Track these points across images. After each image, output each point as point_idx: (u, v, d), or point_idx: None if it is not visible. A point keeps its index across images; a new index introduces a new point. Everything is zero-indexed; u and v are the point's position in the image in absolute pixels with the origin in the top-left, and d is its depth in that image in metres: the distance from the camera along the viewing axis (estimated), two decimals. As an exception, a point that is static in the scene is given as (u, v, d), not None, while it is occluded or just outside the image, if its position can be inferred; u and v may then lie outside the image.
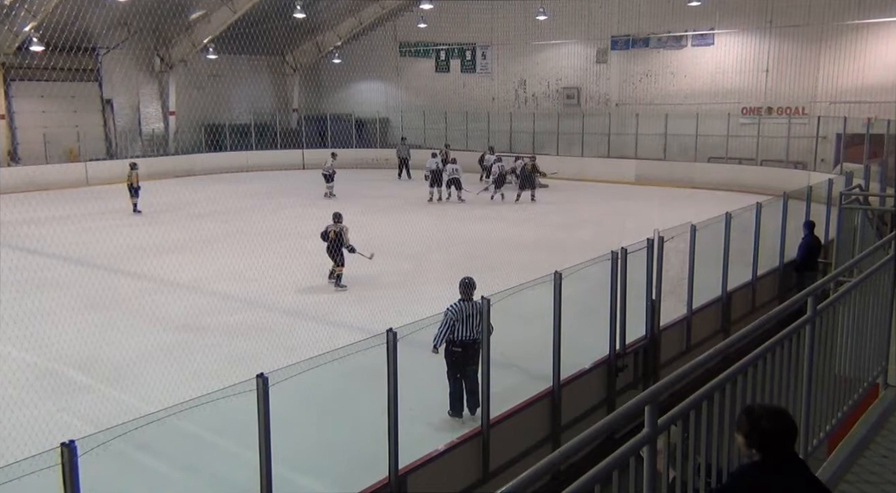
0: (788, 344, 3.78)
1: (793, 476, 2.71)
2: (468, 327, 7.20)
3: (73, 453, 4.03)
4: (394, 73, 32.67)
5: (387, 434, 5.81)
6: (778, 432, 2.74)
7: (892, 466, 3.94)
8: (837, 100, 22.16)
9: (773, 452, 2.72)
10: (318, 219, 18.29)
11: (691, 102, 24.75)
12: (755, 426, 2.75)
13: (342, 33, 31.57)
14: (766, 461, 2.72)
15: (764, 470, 2.71)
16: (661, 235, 8.99)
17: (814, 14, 22.45)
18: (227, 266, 12.94)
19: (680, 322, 9.78)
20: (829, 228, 12.32)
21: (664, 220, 16.14)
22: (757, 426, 2.75)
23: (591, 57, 27.48)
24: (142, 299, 11.35)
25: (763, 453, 2.73)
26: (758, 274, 11.59)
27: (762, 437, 2.73)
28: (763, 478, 2.70)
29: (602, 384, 8.39)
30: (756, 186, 19.44)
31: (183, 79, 29.24)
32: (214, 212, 18.90)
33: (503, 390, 7.18)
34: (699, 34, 24.80)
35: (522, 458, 6.96)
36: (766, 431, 2.73)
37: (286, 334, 9.40)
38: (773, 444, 2.73)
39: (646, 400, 2.84)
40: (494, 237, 15.75)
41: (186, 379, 7.75)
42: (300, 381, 5.11)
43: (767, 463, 2.72)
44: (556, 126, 26.64)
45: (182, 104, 29.31)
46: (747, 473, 2.77)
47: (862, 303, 4.61)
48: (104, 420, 6.26)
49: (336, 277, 12.06)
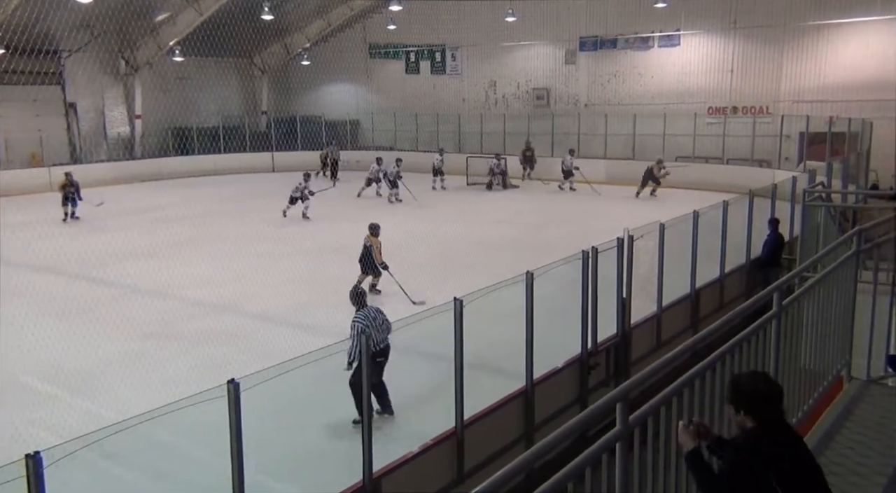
0: (755, 339, 3.85)
1: (789, 441, 2.83)
2: (381, 334, 7.17)
3: (38, 464, 3.94)
4: (364, 74, 32.58)
5: (361, 437, 5.79)
6: (760, 390, 2.88)
7: (856, 457, 4.03)
8: (800, 99, 22.64)
9: (763, 413, 2.83)
10: (289, 223, 18.18)
11: (658, 103, 25.08)
12: (739, 388, 2.91)
13: (311, 35, 31.39)
14: (759, 425, 2.83)
15: (759, 436, 2.81)
16: (630, 234, 9.09)
17: (776, 15, 22.91)
18: (196, 271, 12.76)
19: (650, 320, 9.90)
20: (794, 225, 12.57)
21: (634, 219, 16.30)
22: (740, 388, 2.90)
23: (560, 58, 27.70)
24: (108, 307, 11.13)
25: (753, 416, 2.83)
26: (725, 271, 11.78)
27: (747, 398, 2.86)
28: (761, 446, 2.78)
29: (575, 383, 8.45)
30: (722, 184, 19.74)
31: (149, 81, 28.80)
32: (183, 216, 18.64)
33: (476, 391, 7.18)
34: (665, 35, 25.15)
35: (497, 458, 6.98)
36: (749, 391, 2.87)
37: (258, 339, 9.30)
38: (759, 404, 2.84)
39: (617, 398, 2.87)
40: (468, 238, 15.77)
41: (156, 387, 7.63)
42: (272, 386, 5.07)
43: (760, 428, 2.82)
44: (527, 127, 26.79)
45: (148, 107, 28.86)
46: (746, 445, 2.85)
47: (825, 298, 4.71)
48: (71, 430, 6.13)
49: (371, 286, 11.52)
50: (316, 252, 14.20)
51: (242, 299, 11.41)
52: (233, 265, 12.88)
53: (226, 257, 13.68)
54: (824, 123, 19.75)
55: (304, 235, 16.26)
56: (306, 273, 12.31)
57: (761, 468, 2.71)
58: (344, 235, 16.21)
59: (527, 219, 18.37)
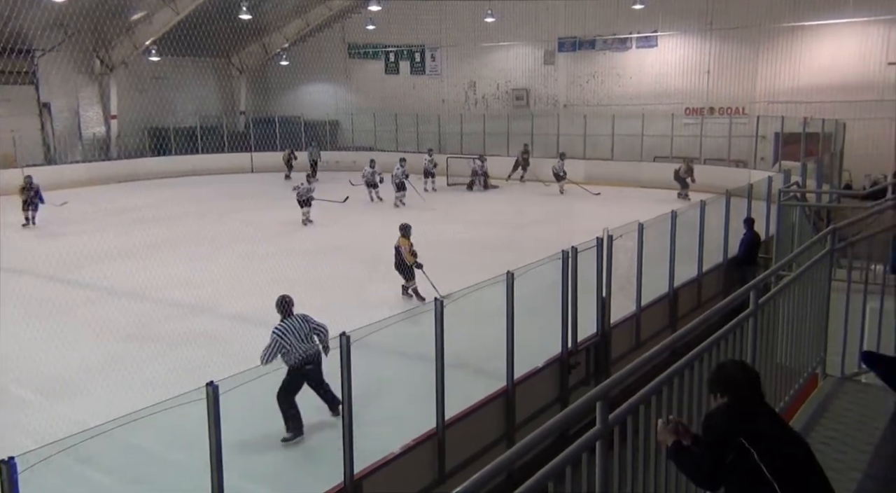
0: (733, 337, 3.89)
1: (761, 415, 2.92)
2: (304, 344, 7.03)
3: (12, 469, 3.88)
4: (343, 75, 32.46)
5: (341, 439, 5.77)
6: (737, 373, 2.99)
7: (832, 453, 4.09)
8: (775, 100, 22.95)
9: (739, 395, 2.93)
10: (268, 223, 18.05)
11: (637, 103, 25.28)
12: (719, 373, 3.04)
13: (289, 35, 31.21)
14: (733, 402, 2.93)
15: (733, 409, 2.92)
16: (610, 234, 9.15)
17: (752, 17, 23.20)
18: (174, 273, 12.62)
19: (630, 319, 9.97)
20: (770, 225, 12.73)
21: (613, 218, 16.40)
22: (720, 373, 3.03)
23: (539, 58, 27.81)
24: (84, 309, 10.98)
25: (730, 396, 2.94)
26: (703, 270, 11.90)
27: (724, 380, 2.98)
28: (732, 416, 2.90)
29: (555, 382, 8.48)
30: (699, 184, 19.94)
31: (124, 81, 28.43)
32: (160, 217, 18.43)
33: (456, 392, 7.19)
34: (643, 36, 25.36)
35: (478, 458, 6.99)
36: (726, 375, 3.00)
37: (237, 341, 9.21)
38: (733, 385, 2.96)
39: (597, 397, 2.88)
40: (448, 238, 15.77)
41: (133, 390, 7.52)
42: (252, 388, 5.03)
43: (734, 403, 2.93)
44: (507, 127, 26.87)
45: (124, 107, 28.50)
46: (716, 412, 2.98)
47: (801, 296, 4.77)
48: (47, 435, 6.03)
49: (412, 291, 11.20)
50: (297, 253, 14.12)
51: (221, 300, 11.30)
52: (211, 266, 12.75)
53: (204, 258, 13.54)
54: (799, 123, 20.05)
55: (284, 237, 16.17)
56: (286, 274, 12.21)
57: (733, 430, 2.82)
58: (325, 237, 16.18)
59: (507, 219, 18.42)
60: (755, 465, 2.73)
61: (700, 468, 2.92)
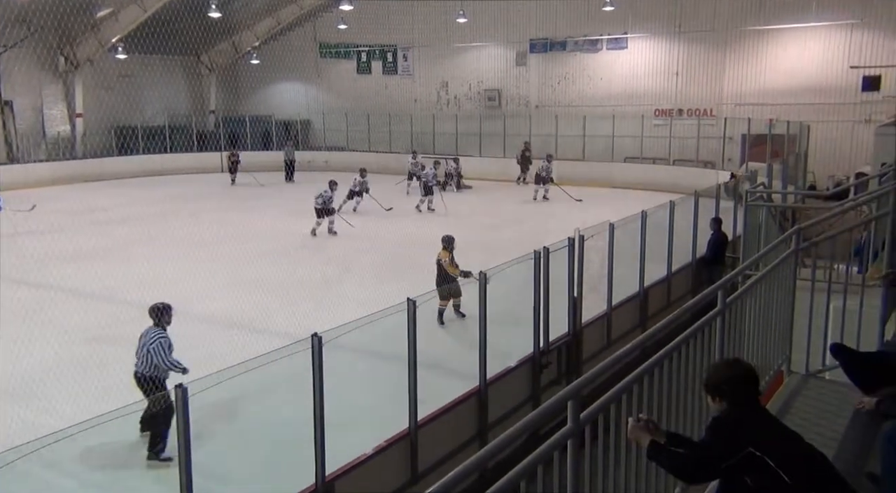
0: (701, 336, 3.94)
1: (765, 420, 2.88)
2: (138, 358, 6.69)
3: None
4: (315, 74, 32.24)
5: (313, 441, 5.73)
6: (741, 373, 2.94)
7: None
8: (742, 102, 23.34)
9: (744, 393, 2.89)
10: (238, 223, 17.83)
11: (607, 104, 25.53)
12: (719, 376, 2.97)
13: (260, 33, 30.92)
14: (735, 407, 2.88)
15: (740, 414, 2.86)
16: (581, 234, 9.22)
17: (719, 20, 23.59)
18: (141, 274, 12.39)
19: (601, 318, 10.06)
20: (737, 225, 12.95)
21: (584, 219, 16.52)
22: (721, 376, 2.96)
23: (511, 59, 27.94)
24: (48, 311, 10.72)
25: (733, 399, 2.89)
26: (672, 270, 12.06)
27: (729, 382, 2.91)
28: (739, 424, 2.83)
29: (527, 382, 8.52)
30: (669, 185, 20.20)
31: (90, 79, 27.90)
32: (127, 218, 18.12)
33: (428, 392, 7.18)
34: (614, 38, 25.62)
35: (451, 457, 6.99)
36: (730, 376, 2.93)
37: (206, 342, 9.10)
38: (740, 386, 2.90)
39: (568, 396, 2.89)
40: (422, 238, 15.72)
41: (100, 393, 7.37)
42: (222, 390, 4.97)
43: (740, 407, 2.87)
44: (479, 127, 26.92)
45: (90, 106, 27.96)
46: (728, 419, 2.89)
47: (767, 295, 4.85)
48: (10, 440, 5.89)
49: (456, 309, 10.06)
50: (266, 255, 14.00)
51: (189, 301, 11.10)
52: (179, 267, 12.56)
53: (172, 259, 13.34)
54: (765, 125, 20.41)
55: (255, 238, 16.00)
56: (255, 276, 12.10)
57: (741, 439, 2.76)
58: (295, 239, 16.04)
59: (480, 220, 18.44)
60: (773, 472, 2.69)
61: (686, 468, 2.90)
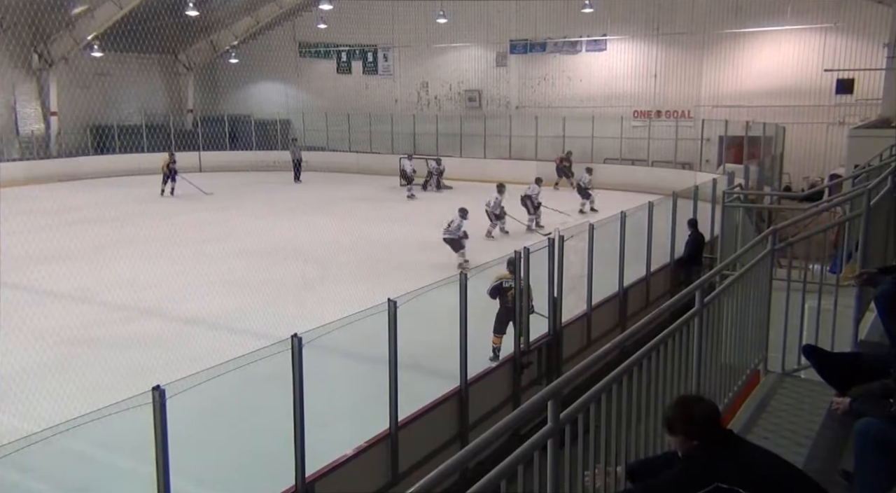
0: (679, 335, 3.98)
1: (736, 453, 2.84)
2: None
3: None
4: (294, 73, 32.06)
5: (293, 442, 5.70)
6: (708, 413, 2.91)
7: (772, 446, 4.21)
8: (719, 104, 23.61)
9: (709, 434, 2.87)
10: (217, 223, 17.70)
11: (587, 106, 25.69)
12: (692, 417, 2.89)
13: (238, 32, 30.67)
14: (707, 444, 2.85)
15: (710, 451, 2.82)
16: (561, 235, 9.27)
17: (696, 23, 23.85)
18: (118, 274, 12.27)
19: (581, 318, 10.13)
20: (714, 225, 13.10)
21: (565, 219, 16.60)
22: (693, 417, 2.89)
23: (491, 60, 28.01)
24: (22, 312, 10.55)
25: (700, 439, 2.86)
26: (651, 270, 12.16)
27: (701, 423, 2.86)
28: (711, 461, 2.80)
29: (508, 382, 8.55)
30: (647, 186, 20.37)
31: (65, 77, 27.47)
32: (103, 218, 17.88)
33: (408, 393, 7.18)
34: (593, 40, 25.79)
35: (432, 458, 7.00)
36: (702, 416, 2.88)
37: (184, 343, 9.03)
38: (710, 427, 2.88)
39: (548, 395, 2.91)
40: (402, 239, 15.73)
41: (75, 395, 7.28)
42: (200, 392, 4.92)
43: (709, 445, 2.84)
44: (459, 128, 26.96)
45: (65, 104, 27.54)
46: (697, 456, 2.85)
47: (744, 295, 4.91)
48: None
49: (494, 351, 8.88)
50: (243, 255, 13.91)
51: (168, 302, 11.04)
52: (157, 268, 12.45)
53: (149, 260, 13.21)
54: (741, 127, 20.67)
55: (231, 238, 15.89)
56: (232, 276, 12.04)
57: (711, 476, 2.72)
58: (279, 236, 15.94)
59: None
60: None
61: None
